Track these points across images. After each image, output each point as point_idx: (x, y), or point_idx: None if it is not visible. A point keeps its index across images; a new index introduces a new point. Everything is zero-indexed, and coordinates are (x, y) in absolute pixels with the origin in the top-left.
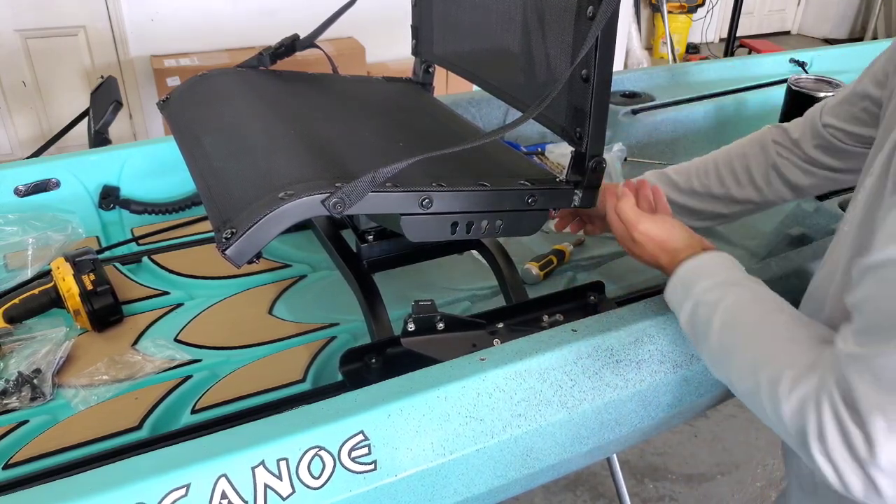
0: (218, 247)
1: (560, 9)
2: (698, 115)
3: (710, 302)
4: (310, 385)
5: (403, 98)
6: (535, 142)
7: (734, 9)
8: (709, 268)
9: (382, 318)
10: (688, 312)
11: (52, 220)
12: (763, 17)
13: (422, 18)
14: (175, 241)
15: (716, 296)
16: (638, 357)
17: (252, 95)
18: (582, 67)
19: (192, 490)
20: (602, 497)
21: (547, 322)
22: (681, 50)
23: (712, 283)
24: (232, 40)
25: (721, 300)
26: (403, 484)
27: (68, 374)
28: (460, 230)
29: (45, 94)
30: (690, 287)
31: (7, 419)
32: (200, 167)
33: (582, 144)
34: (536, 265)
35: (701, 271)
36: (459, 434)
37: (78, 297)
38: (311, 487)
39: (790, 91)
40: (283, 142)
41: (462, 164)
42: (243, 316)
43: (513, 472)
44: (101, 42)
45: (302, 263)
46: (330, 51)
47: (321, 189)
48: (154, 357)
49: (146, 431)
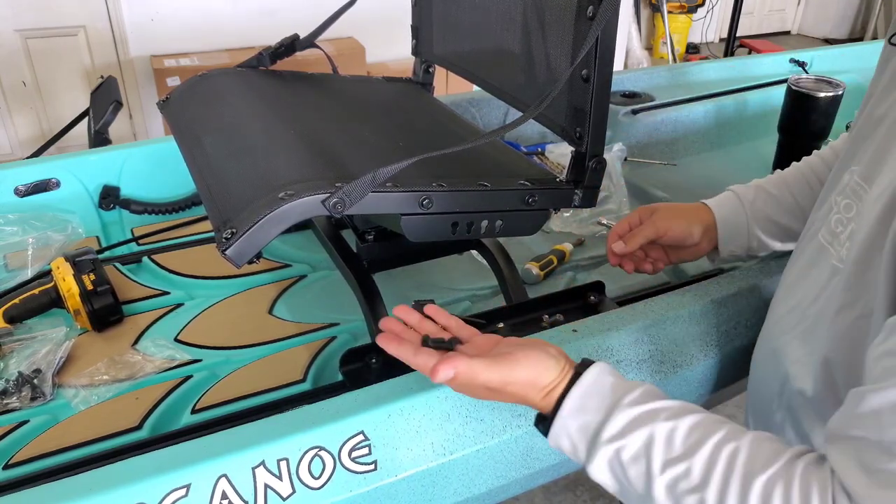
0: (218, 247)
1: (560, 9)
2: (698, 115)
3: (636, 446)
4: (310, 385)
5: (403, 98)
6: (535, 142)
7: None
8: (598, 396)
9: (383, 317)
10: (606, 469)
11: (52, 220)
12: (763, 17)
13: (422, 18)
14: (175, 241)
15: (638, 436)
16: (638, 357)
17: (252, 95)
18: (582, 67)
19: (192, 490)
20: (602, 497)
21: (547, 322)
22: (681, 50)
23: (620, 420)
24: (232, 40)
25: (650, 439)
26: (404, 484)
27: (68, 374)
28: (460, 230)
29: (45, 94)
30: (582, 438)
31: (7, 419)
32: (200, 167)
33: (582, 144)
34: (536, 265)
35: (589, 405)
36: (459, 434)
37: (78, 297)
38: (311, 487)
39: (790, 91)
40: (283, 142)
41: (462, 164)
42: (243, 316)
43: (513, 472)
44: (101, 42)
45: (302, 263)
46: (330, 51)
47: (321, 189)
48: (154, 357)
49: (146, 431)
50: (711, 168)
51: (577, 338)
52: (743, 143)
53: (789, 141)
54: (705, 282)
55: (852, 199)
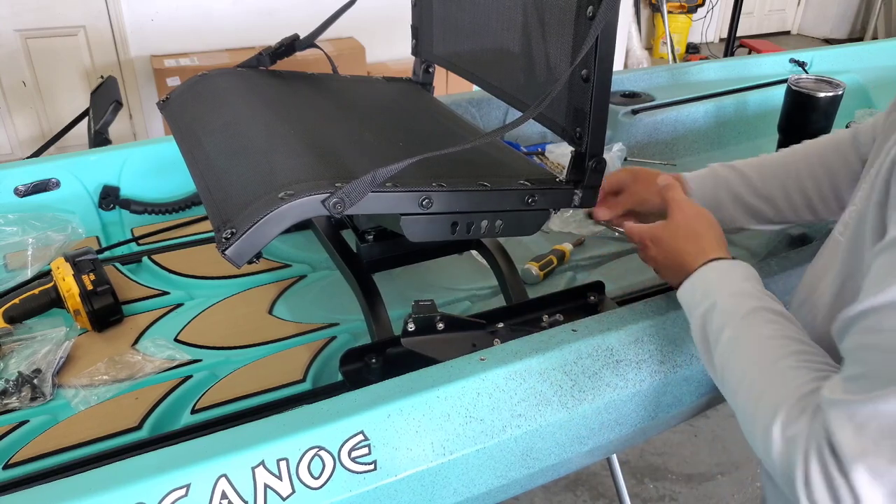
0: (218, 247)
1: (560, 9)
2: (698, 115)
3: (728, 310)
4: (310, 385)
5: (403, 98)
6: (535, 142)
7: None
8: (734, 276)
9: (382, 318)
10: (701, 314)
11: (52, 220)
12: (763, 17)
13: (422, 18)
14: (175, 241)
15: (733, 304)
16: (638, 357)
17: (252, 95)
18: (582, 67)
19: (192, 490)
20: (602, 497)
21: (547, 322)
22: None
23: (733, 292)
24: (232, 40)
25: (737, 311)
26: (403, 484)
27: (68, 374)
28: (460, 230)
29: (45, 94)
30: (711, 289)
31: (7, 419)
32: (200, 167)
33: (582, 144)
34: (536, 265)
35: (726, 277)
36: (459, 434)
37: (78, 297)
38: (311, 487)
39: (790, 91)
40: (282, 142)
41: (462, 164)
42: (243, 316)
43: (513, 472)
44: (101, 42)
45: (302, 263)
46: (330, 51)
47: (321, 189)
48: (154, 357)
49: (146, 431)
50: None
51: (577, 338)
52: (743, 143)
53: (789, 141)
54: None
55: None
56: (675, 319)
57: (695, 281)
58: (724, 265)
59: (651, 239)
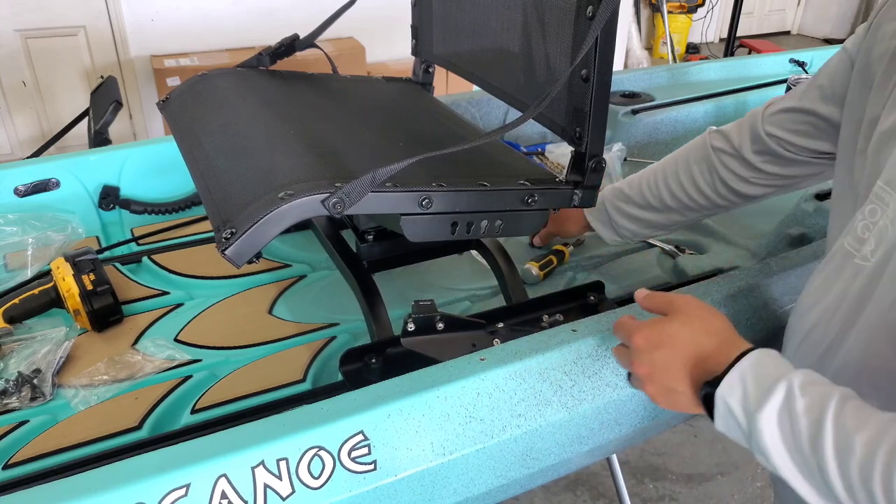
0: (218, 247)
1: (560, 9)
2: (698, 115)
3: (808, 409)
4: (310, 385)
5: (403, 98)
6: (535, 142)
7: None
8: (783, 364)
9: (382, 318)
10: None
11: (51, 220)
12: (763, 17)
13: (422, 18)
14: (175, 241)
15: (805, 404)
16: None
17: (252, 95)
18: (582, 67)
19: (191, 490)
20: (602, 497)
21: (547, 322)
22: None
23: (807, 380)
24: (232, 40)
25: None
26: (403, 484)
27: (68, 374)
28: (460, 230)
29: (45, 94)
30: (778, 377)
31: (7, 419)
32: (200, 167)
33: (582, 144)
34: (536, 265)
35: (781, 364)
36: (459, 434)
37: (78, 297)
38: (310, 487)
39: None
40: (282, 142)
41: (462, 164)
42: (243, 316)
43: (513, 472)
44: (101, 42)
45: (302, 263)
46: (330, 51)
47: (321, 189)
48: (154, 357)
49: (146, 431)
50: None
51: (577, 338)
52: None
53: None
54: (705, 282)
55: (877, 205)
56: None
57: (741, 379)
58: (763, 355)
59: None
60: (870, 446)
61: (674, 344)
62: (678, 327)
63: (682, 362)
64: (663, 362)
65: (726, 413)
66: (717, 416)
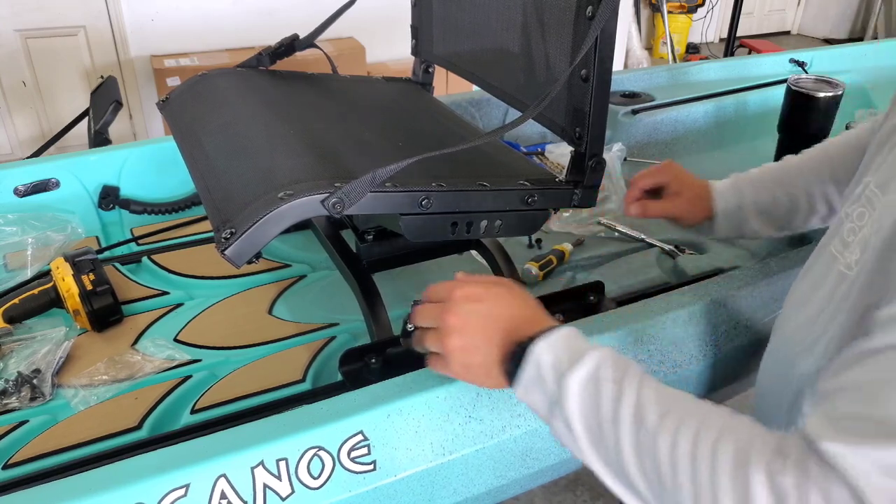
0: (217, 247)
1: (559, 9)
2: (698, 115)
3: (614, 379)
4: (309, 385)
5: (403, 98)
6: (535, 142)
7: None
8: (579, 341)
9: (382, 318)
10: (581, 380)
11: (51, 220)
12: (763, 17)
13: (421, 18)
14: (175, 241)
15: (612, 374)
16: (637, 357)
17: (252, 95)
18: (581, 67)
19: (191, 490)
20: (602, 497)
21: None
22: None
23: (608, 356)
24: (232, 40)
25: (623, 378)
26: (403, 484)
27: (68, 375)
28: (460, 230)
29: (45, 94)
30: (579, 352)
31: (7, 419)
32: (200, 167)
33: (582, 144)
34: (536, 265)
35: (568, 349)
36: (459, 434)
37: (77, 297)
38: (310, 487)
39: (790, 91)
40: (282, 142)
41: (462, 164)
42: (243, 316)
43: (512, 472)
44: (101, 42)
45: (302, 263)
46: (330, 51)
47: (320, 189)
48: (154, 357)
49: (146, 431)
50: (711, 168)
51: None
52: (743, 143)
53: (789, 141)
54: (705, 282)
55: (866, 208)
56: (675, 319)
57: (554, 343)
58: (576, 331)
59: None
60: (663, 416)
61: (495, 302)
62: (503, 291)
63: (497, 321)
64: (479, 316)
65: (535, 374)
66: (523, 377)
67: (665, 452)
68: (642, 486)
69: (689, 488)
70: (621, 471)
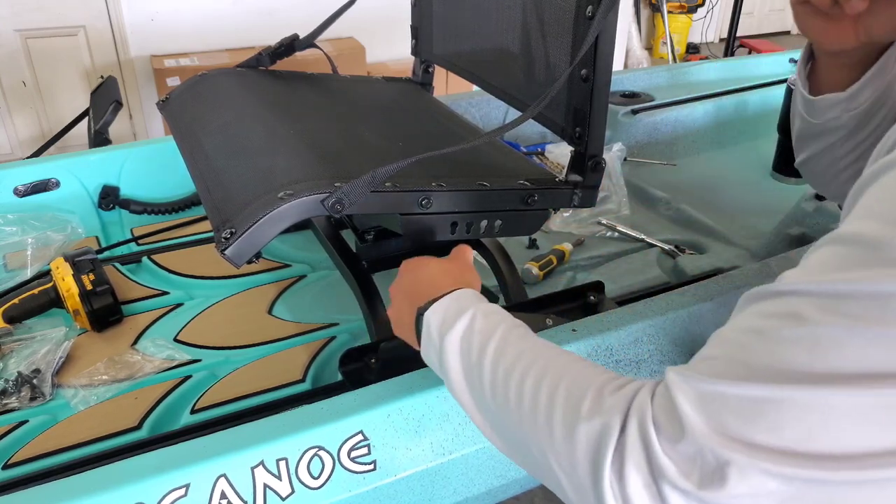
0: (217, 247)
1: (559, 8)
2: (698, 115)
3: (483, 329)
4: (309, 385)
5: (403, 98)
6: (535, 142)
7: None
8: (466, 301)
9: (382, 318)
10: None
11: (51, 219)
12: (763, 17)
13: (421, 18)
14: (175, 241)
15: (488, 323)
16: (638, 357)
17: (252, 95)
18: (581, 67)
19: (191, 490)
20: None
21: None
22: (681, 50)
23: (478, 313)
24: (232, 40)
25: (496, 326)
26: (403, 484)
27: (68, 375)
28: (460, 230)
29: (45, 94)
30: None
31: (7, 419)
32: (200, 167)
33: (582, 144)
34: (536, 265)
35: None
36: (459, 434)
37: (77, 297)
38: (310, 487)
39: (790, 91)
40: (282, 142)
41: (462, 164)
42: (243, 316)
43: (512, 472)
44: (101, 42)
45: (301, 263)
46: (330, 51)
47: (320, 189)
48: (153, 357)
49: (146, 431)
50: (711, 168)
51: (577, 338)
52: (743, 142)
53: (789, 141)
54: (705, 282)
55: None
56: (675, 319)
57: (443, 305)
58: (468, 291)
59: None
60: (520, 357)
61: (420, 272)
62: (434, 263)
63: (413, 290)
64: (404, 286)
65: (427, 337)
66: (422, 340)
67: (513, 390)
68: (499, 423)
69: (530, 423)
70: (487, 411)
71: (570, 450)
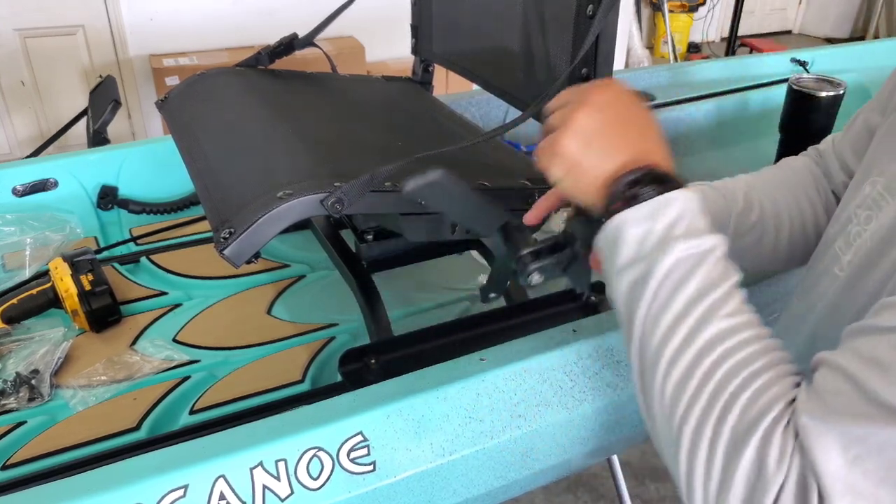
0: (216, 247)
1: (560, 7)
2: (699, 114)
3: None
4: (309, 386)
5: (403, 97)
6: (535, 142)
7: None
8: (687, 217)
9: (382, 318)
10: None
11: (50, 219)
12: (764, 16)
13: (421, 17)
14: (173, 241)
15: (712, 269)
16: None
17: (251, 95)
18: (582, 66)
19: (190, 491)
20: (603, 498)
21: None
22: (682, 49)
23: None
24: (231, 39)
25: (720, 276)
26: (403, 485)
27: (66, 375)
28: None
29: (43, 94)
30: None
31: (5, 420)
32: (199, 167)
33: None
34: None
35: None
36: (459, 435)
37: (76, 298)
38: (309, 488)
39: (791, 90)
40: (281, 141)
41: (462, 163)
42: (242, 316)
43: (513, 473)
44: (100, 41)
45: (301, 263)
46: (329, 50)
47: (320, 189)
48: (152, 357)
49: (144, 432)
50: (711, 168)
51: (577, 338)
52: (743, 142)
53: (790, 140)
54: None
55: (873, 211)
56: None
57: (689, 202)
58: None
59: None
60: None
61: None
62: (634, 109)
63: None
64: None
65: (650, 213)
66: (641, 207)
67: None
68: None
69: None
70: (652, 352)
71: (728, 467)
